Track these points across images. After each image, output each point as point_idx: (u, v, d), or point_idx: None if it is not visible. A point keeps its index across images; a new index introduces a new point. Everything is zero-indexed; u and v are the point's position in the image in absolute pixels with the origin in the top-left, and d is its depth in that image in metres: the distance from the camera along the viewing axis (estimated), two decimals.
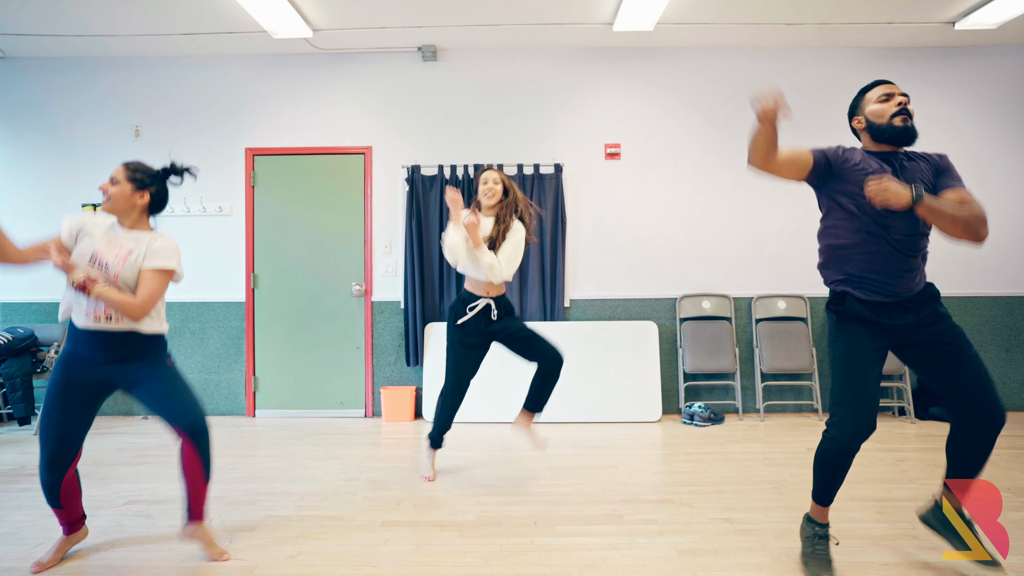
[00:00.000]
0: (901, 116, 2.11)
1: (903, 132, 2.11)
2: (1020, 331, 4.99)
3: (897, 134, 2.12)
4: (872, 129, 2.17)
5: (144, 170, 2.38)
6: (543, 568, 2.35)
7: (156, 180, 2.41)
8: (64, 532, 2.44)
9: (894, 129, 2.12)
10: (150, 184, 2.38)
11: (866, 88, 2.23)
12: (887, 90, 2.16)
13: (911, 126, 2.12)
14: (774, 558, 2.41)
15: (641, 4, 4.20)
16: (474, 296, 3.25)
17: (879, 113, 2.15)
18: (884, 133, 2.14)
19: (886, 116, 2.13)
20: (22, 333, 4.57)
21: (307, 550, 2.53)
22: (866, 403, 2.09)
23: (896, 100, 2.13)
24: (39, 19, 4.43)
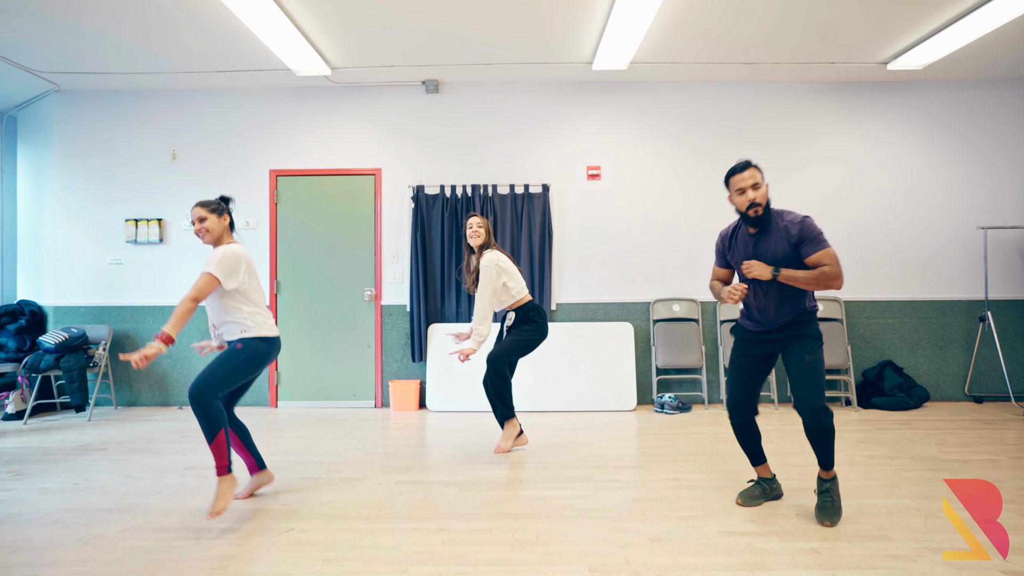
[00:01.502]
0: (752, 209, 2.77)
1: (755, 221, 2.81)
2: (952, 331, 5.67)
3: (751, 223, 2.83)
4: (738, 212, 2.87)
5: (213, 201, 3.08)
6: (525, 510, 3.01)
7: (224, 204, 3.11)
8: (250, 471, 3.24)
9: (748, 219, 2.82)
10: (223, 209, 3.09)
11: (729, 173, 2.85)
12: (739, 185, 2.79)
13: (760, 214, 2.78)
14: (706, 503, 3.08)
15: (616, 47, 4.88)
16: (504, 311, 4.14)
17: (738, 204, 2.84)
18: (744, 219, 2.86)
19: (743, 207, 2.81)
20: (76, 332, 5.23)
21: (338, 499, 3.18)
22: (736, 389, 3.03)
23: (747, 197, 2.78)
24: (91, 58, 5.09)
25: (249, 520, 2.89)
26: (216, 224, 3.03)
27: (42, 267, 5.82)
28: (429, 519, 2.90)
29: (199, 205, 3.03)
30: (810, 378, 2.74)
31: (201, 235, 3.02)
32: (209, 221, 3.01)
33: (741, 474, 3.54)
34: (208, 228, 3.01)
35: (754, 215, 2.78)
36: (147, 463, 3.86)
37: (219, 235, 3.05)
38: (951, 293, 5.68)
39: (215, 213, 3.03)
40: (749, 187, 2.78)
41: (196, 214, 3.01)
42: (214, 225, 3.02)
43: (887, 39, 4.83)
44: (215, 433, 2.86)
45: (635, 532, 2.72)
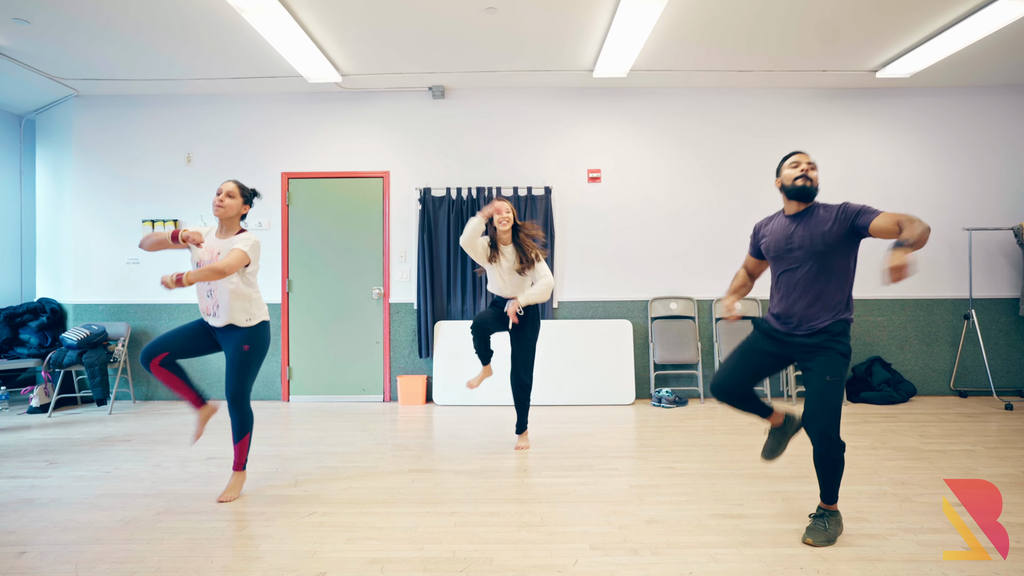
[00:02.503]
0: (801, 178, 2.63)
1: (801, 190, 2.63)
2: (938, 328, 5.89)
3: (797, 192, 2.64)
4: (784, 189, 2.70)
5: (248, 188, 3.27)
6: (531, 495, 3.23)
7: (252, 196, 3.31)
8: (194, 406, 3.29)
9: (795, 188, 2.64)
10: (250, 199, 3.27)
11: (785, 157, 2.73)
12: (796, 159, 2.68)
13: (808, 185, 2.61)
14: (698, 489, 3.30)
15: (616, 56, 5.08)
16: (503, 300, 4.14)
17: (787, 177, 2.68)
18: (789, 192, 2.67)
19: (791, 179, 2.65)
20: (97, 329, 5.44)
21: (355, 486, 3.41)
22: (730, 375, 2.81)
23: (800, 168, 2.64)
24: (110, 65, 5.28)
25: (273, 505, 3.12)
26: (237, 207, 3.17)
27: (61, 266, 6.03)
28: (441, 503, 3.12)
29: (236, 182, 3.21)
30: (828, 402, 2.53)
31: (219, 206, 3.12)
32: (235, 200, 3.16)
33: (734, 463, 3.77)
34: (229, 206, 3.14)
35: (802, 184, 2.62)
36: (171, 453, 4.08)
37: (232, 216, 3.17)
38: (938, 292, 5.90)
39: (243, 197, 3.21)
40: (805, 162, 2.66)
41: (227, 188, 3.15)
42: (235, 206, 3.16)
43: (876, 49, 5.04)
44: (243, 434, 3.22)
45: (632, 515, 2.94)
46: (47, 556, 2.54)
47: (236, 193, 3.18)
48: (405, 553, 2.55)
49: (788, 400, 5.73)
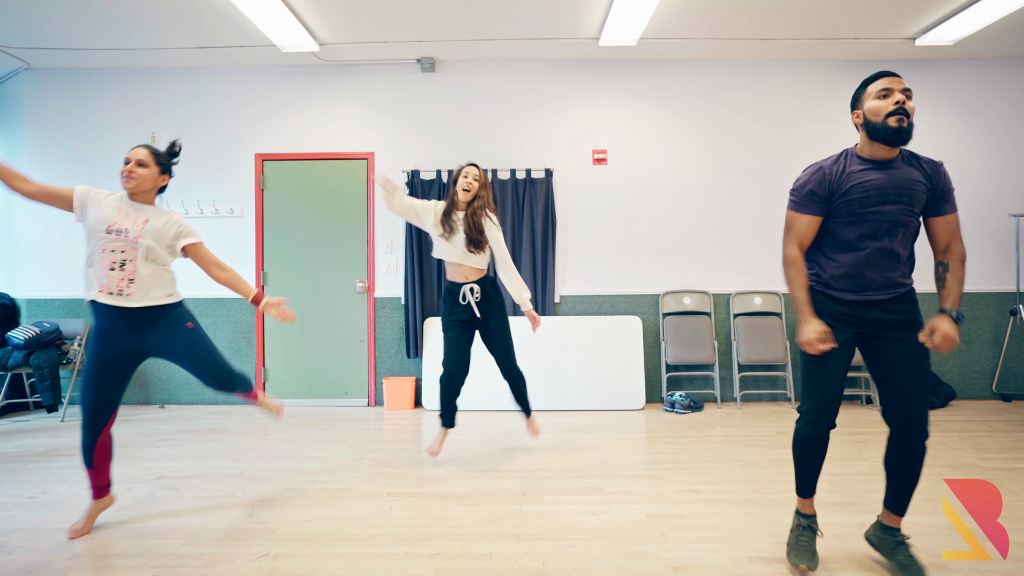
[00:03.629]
0: (896, 116, 2.03)
1: (896, 133, 2.04)
2: (979, 325, 5.35)
3: (890, 135, 2.05)
4: (868, 127, 2.10)
5: (164, 154, 2.70)
6: (529, 529, 2.70)
7: (171, 164, 2.73)
8: (92, 496, 2.70)
9: (888, 130, 2.05)
10: (168, 167, 2.71)
11: (868, 80, 2.13)
12: (887, 84, 2.07)
13: (906, 127, 2.04)
14: (731, 521, 2.76)
15: (625, 21, 4.53)
16: (458, 285, 3.56)
17: (876, 111, 2.07)
18: (878, 133, 2.07)
19: (881, 115, 2.05)
20: (48, 327, 4.90)
21: (321, 515, 2.87)
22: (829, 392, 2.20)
23: (894, 98, 2.04)
24: (62, 33, 4.73)
25: (219, 542, 2.58)
26: (151, 178, 2.61)
27: (14, 258, 5.48)
28: (422, 540, 2.58)
29: (148, 148, 2.64)
30: (928, 380, 2.12)
31: (128, 178, 2.55)
32: (148, 169, 2.59)
33: (768, 484, 3.23)
34: (141, 177, 2.57)
35: (897, 123, 2.04)
36: (117, 471, 3.49)
37: (147, 190, 2.62)
38: (979, 285, 5.35)
39: (159, 167, 2.64)
40: (899, 90, 2.05)
41: (137, 155, 2.59)
42: (149, 177, 2.60)
43: (916, 12, 4.48)
44: (253, 381, 3.07)
45: (655, 558, 2.40)
46: None
47: (149, 160, 2.61)
48: None
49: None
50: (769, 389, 5.38)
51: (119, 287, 2.53)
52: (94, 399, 2.59)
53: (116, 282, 2.52)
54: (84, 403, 2.60)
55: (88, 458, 2.64)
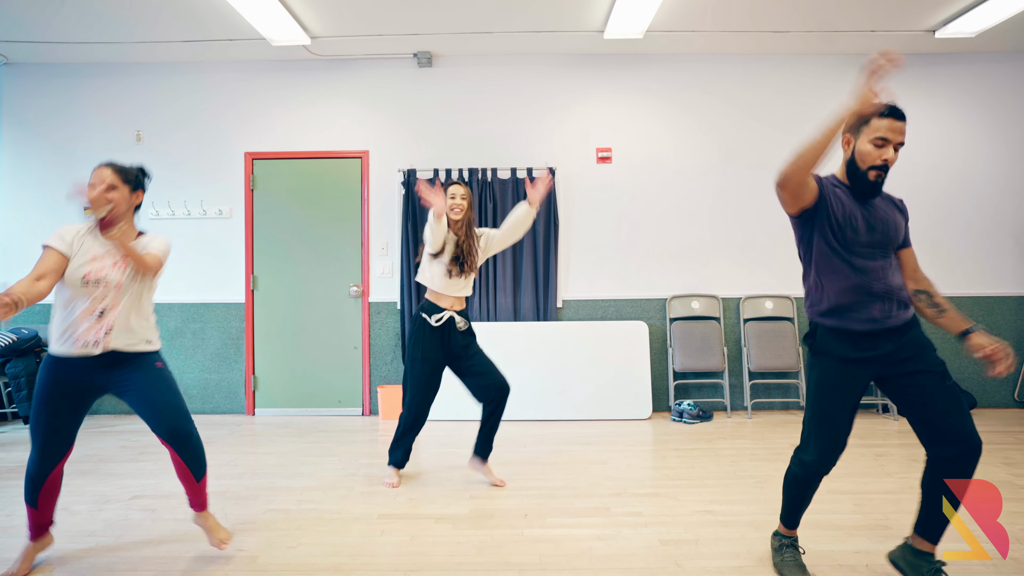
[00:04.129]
0: (877, 171, 2.01)
1: (870, 188, 2.04)
2: (1001, 330, 5.10)
3: (864, 188, 2.04)
4: (849, 165, 2.07)
5: (132, 170, 2.33)
6: (532, 557, 2.47)
7: (143, 179, 2.37)
8: (31, 536, 2.38)
9: (865, 182, 2.03)
10: (141, 184, 2.36)
11: (881, 113, 2.00)
12: (889, 133, 1.99)
13: (880, 182, 2.03)
14: (751, 547, 2.54)
15: (631, 12, 4.32)
16: (438, 308, 3.23)
17: (864, 156, 2.02)
18: (855, 178, 2.05)
19: (866, 164, 2.01)
20: (26, 334, 4.68)
21: (306, 541, 2.64)
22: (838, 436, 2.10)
23: (885, 154, 1.99)
24: (41, 26, 4.52)
25: (193, 572, 2.35)
26: (125, 199, 2.27)
27: None
28: (416, 571, 2.35)
29: (110, 167, 2.27)
30: (965, 408, 2.00)
31: (98, 206, 2.21)
32: (119, 192, 2.24)
33: None
34: (115, 200, 2.23)
35: (875, 178, 2.01)
36: (90, 489, 3.32)
37: (122, 213, 2.28)
38: (1000, 288, 5.13)
39: (129, 185, 2.29)
40: (897, 143, 2.00)
41: (101, 176, 2.24)
42: (123, 200, 2.26)
43: (936, 1, 4.26)
44: (205, 468, 2.45)
45: None
46: None
47: (117, 181, 2.25)
48: None
49: None
50: (781, 397, 5.15)
51: (96, 338, 2.21)
52: (47, 431, 2.26)
53: (93, 333, 2.21)
54: (36, 434, 2.26)
55: (33, 496, 2.30)
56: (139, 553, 2.54)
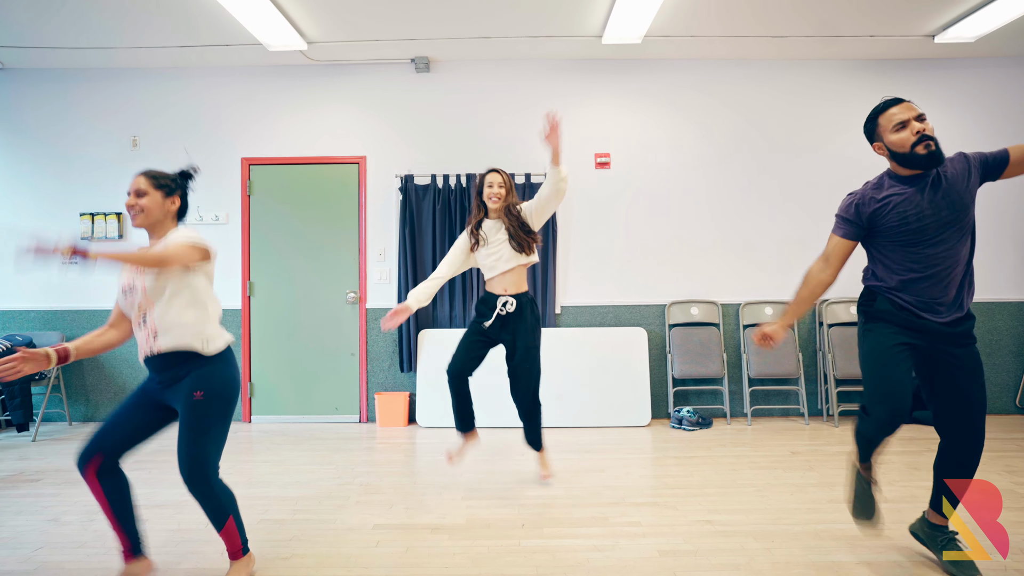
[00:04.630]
0: (923, 143, 2.06)
1: (929, 159, 2.07)
2: (1001, 336, 5.10)
3: (923, 162, 2.08)
4: (898, 158, 2.14)
5: (166, 175, 2.30)
6: (529, 569, 2.44)
7: (180, 183, 2.34)
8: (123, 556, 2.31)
9: (919, 158, 2.08)
10: (176, 188, 2.31)
11: (877, 110, 2.16)
12: (901, 116, 2.10)
13: (935, 150, 2.06)
14: (751, 558, 2.50)
15: (629, 17, 4.30)
16: (494, 296, 3.32)
17: (900, 144, 2.10)
18: (911, 162, 2.10)
19: (907, 146, 2.08)
20: (20, 340, 4.65)
21: (300, 552, 2.61)
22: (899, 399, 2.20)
23: (914, 128, 2.07)
24: (37, 31, 4.50)
25: None
26: (157, 205, 2.23)
27: None
28: None
29: (144, 175, 2.25)
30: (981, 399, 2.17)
31: (133, 212, 2.22)
32: (149, 198, 2.22)
33: (789, 514, 2.97)
34: (145, 207, 2.21)
35: (926, 151, 2.06)
36: (82, 499, 3.26)
37: (159, 220, 2.25)
38: (1000, 294, 5.10)
39: (161, 190, 2.25)
40: (913, 118, 2.08)
41: (136, 185, 2.23)
42: (154, 206, 2.23)
43: (935, 6, 4.25)
44: (224, 520, 2.25)
45: None
46: None
47: (148, 187, 2.22)
48: None
49: (830, 420, 4.93)
50: (781, 404, 5.12)
51: (148, 345, 2.20)
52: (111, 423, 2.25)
53: (145, 340, 2.21)
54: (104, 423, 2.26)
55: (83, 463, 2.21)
56: None
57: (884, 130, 2.14)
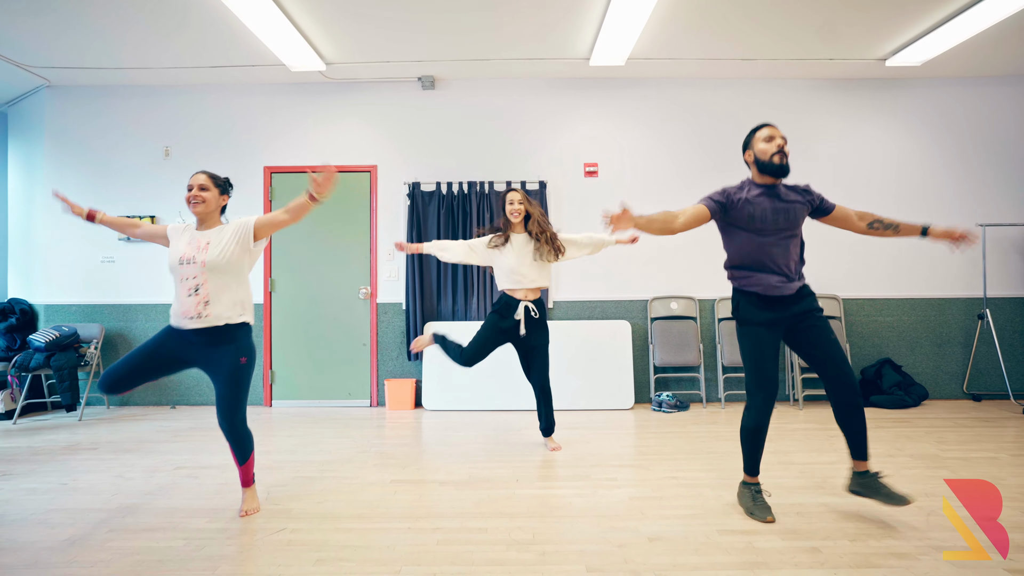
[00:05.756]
0: (779, 155, 2.69)
1: (779, 168, 2.70)
2: (950, 329, 5.64)
3: (775, 169, 2.70)
4: (758, 163, 2.75)
5: (220, 177, 2.92)
6: (521, 509, 2.96)
7: (228, 186, 2.97)
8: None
9: (773, 165, 2.70)
10: (226, 189, 2.94)
11: (755, 129, 2.78)
12: (770, 133, 2.73)
13: (785, 164, 2.70)
14: (704, 501, 3.04)
15: (614, 42, 4.84)
16: (516, 300, 3.87)
17: (763, 152, 2.72)
18: (766, 168, 2.72)
19: (768, 155, 2.70)
20: (67, 331, 5.16)
21: (331, 498, 3.13)
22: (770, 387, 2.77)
23: (776, 143, 2.70)
24: (82, 53, 5.02)
25: (238, 520, 2.84)
26: (215, 200, 2.85)
27: (33, 265, 5.75)
28: (424, 518, 2.85)
29: (206, 173, 2.88)
30: (842, 352, 2.68)
31: (193, 203, 2.80)
32: (210, 193, 2.83)
33: (738, 473, 3.46)
34: (206, 199, 2.81)
35: (779, 162, 2.68)
36: (138, 463, 3.80)
37: (212, 211, 2.85)
38: (949, 291, 5.65)
39: (218, 188, 2.87)
40: (779, 135, 2.72)
41: (199, 180, 2.83)
42: (213, 200, 2.84)
43: (886, 35, 4.80)
44: (248, 456, 2.94)
45: (633, 531, 2.67)
46: None
47: (209, 184, 2.84)
48: None
49: (795, 404, 5.47)
50: None
51: (197, 311, 2.73)
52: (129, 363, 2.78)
53: (194, 306, 2.74)
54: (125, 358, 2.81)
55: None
56: (192, 504, 3.03)
57: (756, 140, 2.74)
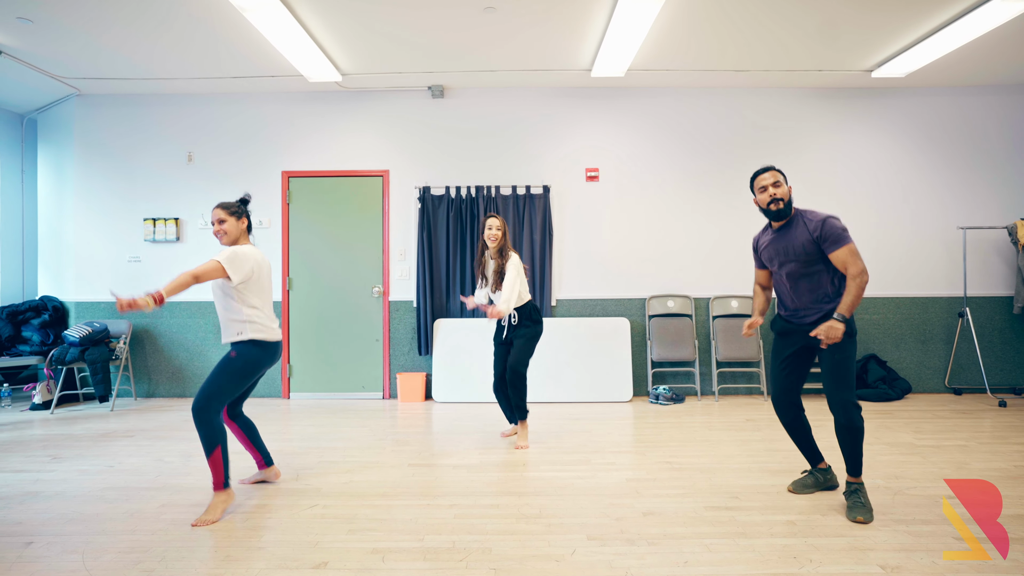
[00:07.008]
0: (773, 203, 2.95)
1: (775, 215, 2.97)
2: (933, 326, 5.94)
3: (772, 216, 3.00)
4: (761, 210, 3.05)
5: (232, 204, 3.15)
6: (529, 489, 3.28)
7: (243, 207, 3.23)
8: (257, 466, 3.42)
9: (770, 213, 2.99)
10: (242, 212, 3.20)
11: (754, 176, 3.04)
12: (761, 183, 2.99)
13: (780, 209, 2.94)
14: (695, 482, 3.35)
15: (614, 55, 5.13)
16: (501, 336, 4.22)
17: (760, 202, 3.01)
18: (767, 215, 3.02)
19: (764, 204, 2.99)
20: (99, 327, 5.48)
21: (356, 479, 3.45)
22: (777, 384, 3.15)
23: (768, 193, 2.95)
24: (111, 64, 5.32)
25: (274, 497, 3.16)
26: (234, 226, 3.12)
27: (63, 264, 6.07)
28: (441, 496, 3.17)
29: (220, 207, 3.12)
30: (840, 375, 2.85)
31: (219, 236, 3.11)
32: (228, 223, 3.10)
33: (730, 458, 3.81)
34: (226, 230, 3.10)
35: (775, 208, 2.95)
36: (173, 448, 4.12)
37: (236, 237, 3.13)
38: (932, 290, 5.95)
39: (234, 216, 3.15)
40: (770, 184, 2.96)
41: (215, 215, 3.12)
42: (232, 227, 3.11)
43: (872, 48, 5.09)
44: (213, 448, 2.89)
45: (629, 507, 2.99)
46: (54, 546, 2.58)
47: (225, 215, 3.11)
48: (406, 543, 2.59)
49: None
50: (745, 383, 5.97)
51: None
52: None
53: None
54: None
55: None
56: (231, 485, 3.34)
57: (755, 189, 3.04)
